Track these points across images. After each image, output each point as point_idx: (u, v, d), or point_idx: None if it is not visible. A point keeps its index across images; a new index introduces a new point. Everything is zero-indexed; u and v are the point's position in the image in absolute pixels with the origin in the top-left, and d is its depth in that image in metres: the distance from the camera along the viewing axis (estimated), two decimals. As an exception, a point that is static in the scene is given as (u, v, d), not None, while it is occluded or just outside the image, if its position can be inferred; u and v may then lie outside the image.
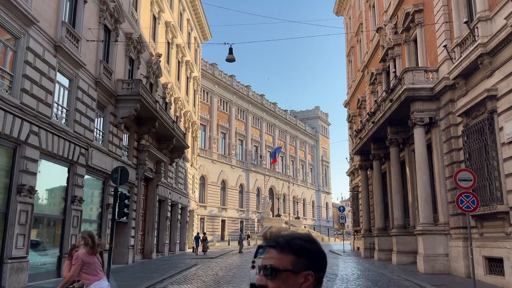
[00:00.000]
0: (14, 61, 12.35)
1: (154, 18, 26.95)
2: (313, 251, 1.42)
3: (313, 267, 1.39)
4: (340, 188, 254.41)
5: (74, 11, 16.24)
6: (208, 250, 31.44)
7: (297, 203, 74.95)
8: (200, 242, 31.17)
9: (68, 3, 15.72)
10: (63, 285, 5.89)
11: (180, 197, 32.02)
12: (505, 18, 11.75)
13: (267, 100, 68.65)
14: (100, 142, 18.36)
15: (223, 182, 55.37)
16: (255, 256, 12.44)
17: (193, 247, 31.05)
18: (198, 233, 34.32)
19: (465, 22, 13.88)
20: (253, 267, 11.86)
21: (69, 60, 15.21)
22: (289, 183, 68.04)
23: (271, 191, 67.43)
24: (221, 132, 55.42)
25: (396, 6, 22.16)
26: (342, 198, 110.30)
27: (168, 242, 29.02)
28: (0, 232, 11.73)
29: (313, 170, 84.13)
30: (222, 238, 51.94)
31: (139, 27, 23.53)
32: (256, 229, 57.95)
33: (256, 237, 50.07)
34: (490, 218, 13.06)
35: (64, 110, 15.33)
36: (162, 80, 27.86)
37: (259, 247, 12.95)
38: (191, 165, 37.60)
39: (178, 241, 31.62)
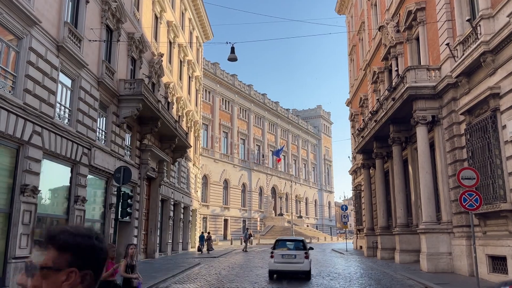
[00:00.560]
0: (16, 62, 12.37)
1: (156, 17, 26.98)
2: (81, 247, 1.33)
3: (79, 263, 1.31)
4: (342, 187, 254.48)
5: (76, 11, 16.25)
6: (212, 249, 31.53)
7: (300, 202, 74.98)
8: (204, 242, 31.26)
9: (70, 3, 15.73)
10: None
11: (182, 197, 32.06)
12: (507, 16, 11.72)
13: (269, 99, 68.62)
14: (103, 142, 18.39)
15: (226, 182, 55.40)
16: (274, 248, 14.75)
17: (198, 247, 31.11)
18: (202, 233, 34.35)
19: (468, 20, 13.84)
20: (271, 256, 14.35)
21: (72, 60, 15.23)
22: (291, 182, 68.04)
23: (273, 190, 67.43)
24: (223, 131, 55.44)
25: (398, 4, 22.12)
26: (344, 197, 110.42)
27: (171, 241, 29.05)
28: (3, 232, 11.78)
29: (316, 169, 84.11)
30: (225, 238, 51.99)
31: (141, 26, 23.56)
32: (258, 228, 57.99)
33: (259, 236, 50.14)
34: (493, 217, 13.03)
35: (67, 110, 15.36)
36: (164, 79, 27.88)
37: (277, 240, 15.65)
38: (194, 165, 37.63)
39: (181, 241, 31.66)
